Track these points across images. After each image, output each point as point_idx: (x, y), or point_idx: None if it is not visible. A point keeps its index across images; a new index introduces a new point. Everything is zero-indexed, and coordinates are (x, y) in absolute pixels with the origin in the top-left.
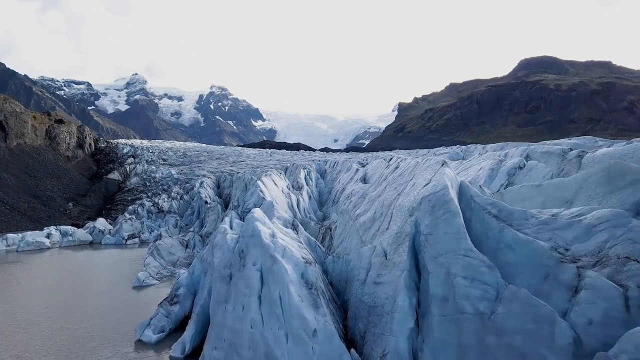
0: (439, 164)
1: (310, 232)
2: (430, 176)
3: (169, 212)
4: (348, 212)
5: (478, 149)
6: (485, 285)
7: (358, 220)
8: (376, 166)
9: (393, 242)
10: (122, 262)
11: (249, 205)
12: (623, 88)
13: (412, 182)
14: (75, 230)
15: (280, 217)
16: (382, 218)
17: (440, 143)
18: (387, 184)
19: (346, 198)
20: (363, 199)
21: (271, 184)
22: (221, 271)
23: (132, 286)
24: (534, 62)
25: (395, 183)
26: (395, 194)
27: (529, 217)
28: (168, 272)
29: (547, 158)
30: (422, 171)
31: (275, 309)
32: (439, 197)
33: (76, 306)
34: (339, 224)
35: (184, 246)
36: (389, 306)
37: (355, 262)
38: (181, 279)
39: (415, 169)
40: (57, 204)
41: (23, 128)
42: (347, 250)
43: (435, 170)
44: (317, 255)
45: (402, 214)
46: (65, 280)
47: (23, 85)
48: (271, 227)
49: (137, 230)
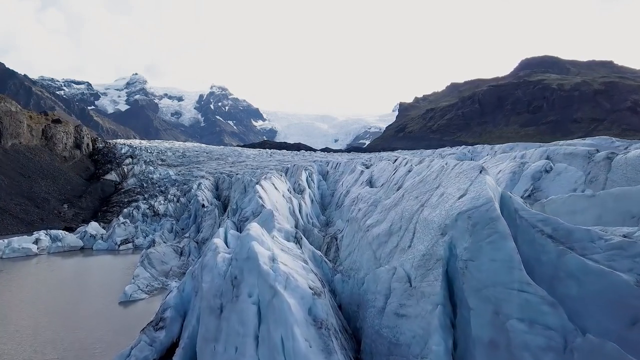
0: (475, 169)
1: (314, 240)
2: (465, 185)
3: (165, 216)
4: (357, 221)
5: (486, 150)
6: (549, 331)
7: (370, 232)
8: (383, 168)
9: (420, 265)
10: (112, 271)
11: (247, 213)
12: (626, 88)
13: (439, 192)
14: (66, 235)
15: (281, 228)
16: (402, 232)
17: (442, 143)
18: (405, 192)
19: (352, 203)
20: (374, 207)
21: (271, 188)
22: (210, 301)
23: (119, 301)
24: (535, 62)
25: (416, 191)
26: (418, 204)
27: (595, 239)
28: (160, 283)
29: (571, 160)
30: (453, 178)
31: (277, 356)
32: (483, 214)
33: (49, 329)
34: (346, 234)
35: (178, 254)
36: (417, 347)
37: (369, 285)
38: (169, 299)
39: (441, 175)
40: (51, 205)
41: (18, 128)
42: (356, 265)
43: (471, 178)
44: (323, 272)
45: (430, 231)
46: (45, 294)
47: (23, 85)
48: (271, 248)
49: (131, 234)
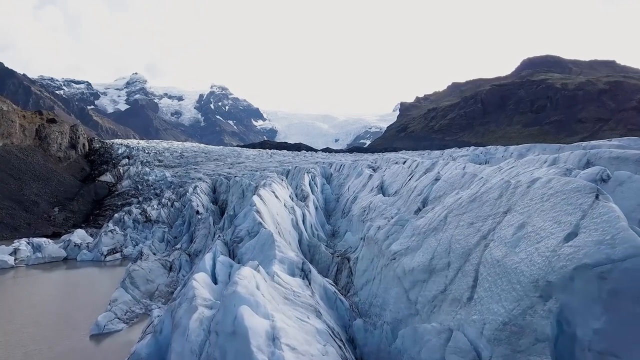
0: (585, 192)
1: (321, 258)
2: (573, 218)
3: (157, 222)
4: (377, 244)
5: (499, 151)
6: None
7: (399, 263)
8: (395, 173)
9: (499, 339)
10: (94, 288)
11: (241, 232)
12: (631, 87)
13: (512, 220)
14: (48, 244)
15: (284, 258)
16: (451, 273)
17: (444, 143)
18: (449, 212)
19: (362, 212)
20: (400, 228)
21: (271, 198)
22: None
23: (90, 334)
24: (537, 61)
25: (469, 214)
26: (475, 234)
27: None
28: (142, 308)
29: (619, 165)
30: (539, 202)
31: None
32: (633, 275)
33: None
34: (362, 256)
35: (167, 269)
36: None
37: (407, 345)
38: (139, 349)
39: (509, 195)
40: (41, 209)
41: (10, 127)
42: (378, 301)
43: (580, 205)
44: (338, 314)
45: (514, 285)
46: (4, 323)
47: (22, 84)
48: (270, 314)
49: (119, 243)
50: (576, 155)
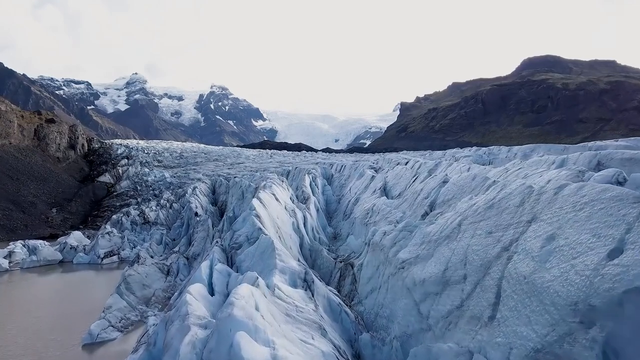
0: (627, 202)
1: (323, 263)
2: (617, 232)
3: (156, 224)
4: (383, 250)
5: (503, 152)
6: None
7: (408, 273)
8: (399, 174)
9: None
10: (89, 292)
11: (240, 238)
12: (632, 87)
13: (539, 231)
14: (43, 247)
15: (285, 268)
16: (468, 287)
17: (445, 143)
18: (463, 219)
19: (365, 214)
20: (408, 234)
21: (271, 201)
22: None
23: (82, 344)
24: (537, 62)
25: (486, 222)
26: (495, 245)
27: None
28: (138, 315)
29: (631, 167)
30: (571, 212)
31: None
32: None
33: None
34: (366, 263)
35: (165, 273)
36: None
37: None
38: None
39: (532, 202)
40: (39, 210)
41: (8, 128)
42: (385, 311)
43: (624, 217)
44: (343, 327)
45: (547, 306)
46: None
47: (21, 84)
48: (270, 340)
49: (117, 246)
50: (586, 156)
